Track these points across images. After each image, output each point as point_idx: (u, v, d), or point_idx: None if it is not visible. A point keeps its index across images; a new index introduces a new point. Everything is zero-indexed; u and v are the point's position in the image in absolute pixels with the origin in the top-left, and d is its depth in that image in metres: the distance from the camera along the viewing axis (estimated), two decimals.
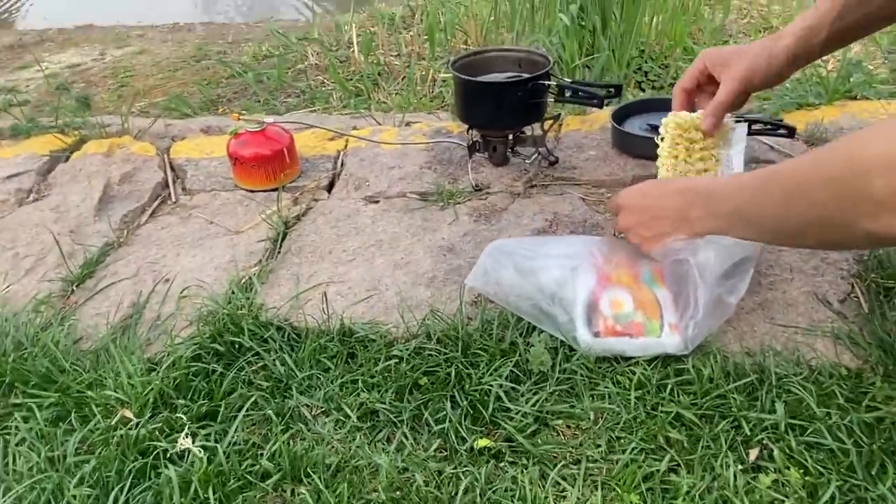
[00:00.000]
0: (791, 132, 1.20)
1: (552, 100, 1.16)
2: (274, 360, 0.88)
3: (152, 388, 0.84)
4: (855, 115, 1.35)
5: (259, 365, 0.89)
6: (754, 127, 1.23)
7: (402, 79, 2.47)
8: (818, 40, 0.91)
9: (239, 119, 1.27)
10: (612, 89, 1.16)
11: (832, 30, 0.91)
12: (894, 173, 0.55)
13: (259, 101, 2.42)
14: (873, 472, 0.67)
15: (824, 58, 2.03)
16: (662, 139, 0.99)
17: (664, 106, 1.33)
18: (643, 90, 2.36)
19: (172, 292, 1.03)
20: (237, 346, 0.91)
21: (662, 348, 0.81)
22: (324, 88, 2.49)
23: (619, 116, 1.30)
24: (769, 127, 1.22)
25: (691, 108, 0.99)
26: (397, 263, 1.05)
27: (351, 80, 2.51)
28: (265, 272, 1.05)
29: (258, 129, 1.26)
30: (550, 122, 1.22)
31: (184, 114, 2.19)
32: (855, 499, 0.66)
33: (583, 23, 2.33)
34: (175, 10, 3.94)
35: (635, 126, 1.29)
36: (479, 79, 1.14)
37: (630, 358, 0.83)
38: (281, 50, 2.92)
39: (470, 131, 1.22)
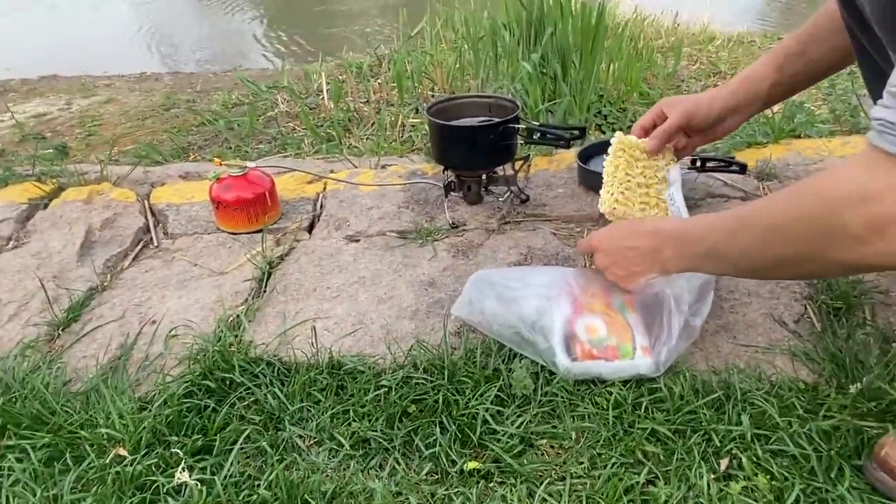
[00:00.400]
0: (743, 169, 1.29)
1: (522, 142, 1.24)
2: (265, 394, 0.90)
3: (145, 426, 0.85)
4: (800, 153, 1.46)
5: (251, 399, 0.91)
6: (709, 164, 1.32)
7: (373, 124, 2.54)
8: (759, 91, 1.03)
9: (221, 164, 1.31)
10: (576, 131, 1.24)
11: (774, 81, 1.01)
12: (864, 207, 0.61)
13: (231, 148, 2.46)
14: (832, 475, 0.73)
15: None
16: (607, 154, 1.08)
17: None
18: (603, 132, 2.49)
19: (160, 333, 1.05)
20: (228, 382, 0.93)
21: (636, 370, 0.87)
22: (295, 135, 2.55)
23: (585, 156, 1.38)
24: (722, 164, 1.31)
25: None
26: (381, 298, 1.09)
27: (322, 126, 2.58)
28: (252, 310, 1.08)
29: (240, 174, 1.30)
30: (520, 162, 1.29)
31: (155, 161, 2.22)
32: (818, 500, 0.72)
33: (544, 70, 2.45)
34: (141, 61, 3.99)
35: (600, 165, 1.37)
36: (454, 123, 1.21)
37: (606, 380, 0.88)
38: (251, 98, 2.98)
39: (445, 172, 1.29)
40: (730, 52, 3.40)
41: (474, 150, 1.22)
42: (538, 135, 1.23)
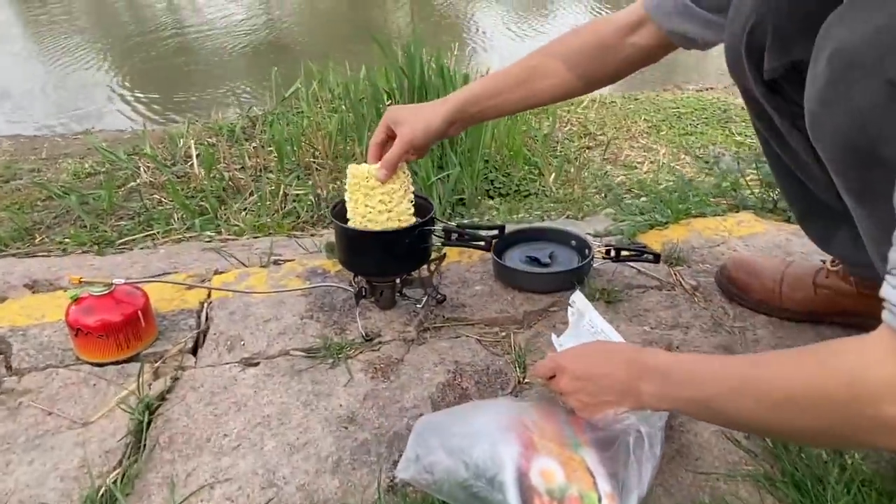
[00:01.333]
0: (657, 258, 1.27)
1: (440, 243, 1.13)
2: None
3: None
4: (701, 233, 1.48)
5: None
6: (622, 253, 1.29)
7: (251, 194, 2.35)
8: (471, 111, 1.12)
9: (80, 282, 1.09)
10: (495, 230, 1.16)
11: (485, 107, 1.12)
12: None
13: (86, 227, 2.16)
14: None
15: (661, 177, 2.26)
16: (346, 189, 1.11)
17: (541, 235, 1.37)
18: (492, 197, 2.47)
19: None
20: None
21: None
22: (162, 209, 2.29)
23: (499, 249, 1.30)
24: (635, 253, 1.29)
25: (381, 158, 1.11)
26: (293, 446, 0.92)
27: (193, 198, 2.34)
28: (130, 478, 0.87)
29: (104, 293, 1.08)
30: (436, 262, 1.19)
31: None
32: None
33: None
34: None
35: (515, 258, 1.30)
36: (365, 229, 1.08)
37: None
38: (107, 166, 2.67)
39: (356, 278, 1.15)
40: (596, 112, 3.56)
41: (389, 256, 1.10)
42: (455, 236, 1.13)
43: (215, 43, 5.25)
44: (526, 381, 1.04)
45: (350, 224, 1.11)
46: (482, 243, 1.12)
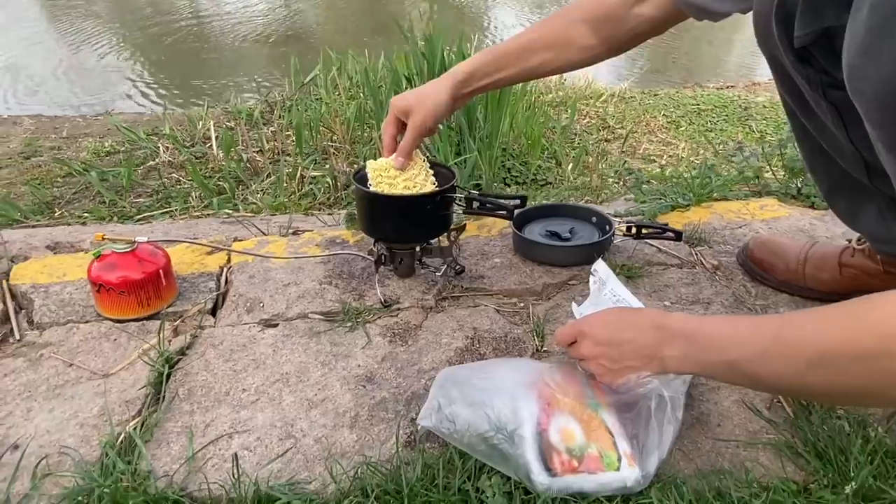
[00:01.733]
0: (679, 236, 1.26)
1: (461, 211, 1.13)
2: None
3: None
4: (723, 216, 1.46)
5: None
6: (644, 231, 1.28)
7: (268, 176, 2.36)
8: (480, 83, 1.12)
9: (103, 239, 1.09)
10: (517, 200, 1.15)
11: (482, 85, 1.12)
12: None
13: (105, 203, 2.18)
14: None
15: (681, 170, 2.24)
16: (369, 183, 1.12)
17: (561, 211, 1.36)
18: (508, 185, 2.46)
19: (25, 464, 0.82)
20: None
21: (623, 482, 0.76)
22: (180, 187, 2.31)
23: (519, 223, 1.30)
24: (657, 231, 1.28)
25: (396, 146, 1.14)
26: (311, 401, 0.92)
27: (211, 178, 2.36)
28: (149, 426, 0.87)
29: (127, 250, 1.09)
30: (456, 231, 1.18)
31: (12, 219, 1.90)
32: None
33: (451, 125, 2.40)
34: None
35: (535, 232, 1.30)
36: (388, 193, 1.08)
37: (587, 496, 0.77)
38: (127, 146, 2.69)
39: (376, 245, 1.15)
40: (615, 106, 3.55)
41: (410, 222, 1.10)
42: (478, 204, 1.13)
43: (233, 31, 5.28)
44: (544, 349, 1.04)
45: None
46: (504, 212, 1.11)
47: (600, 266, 1.03)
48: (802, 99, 0.91)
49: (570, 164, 2.58)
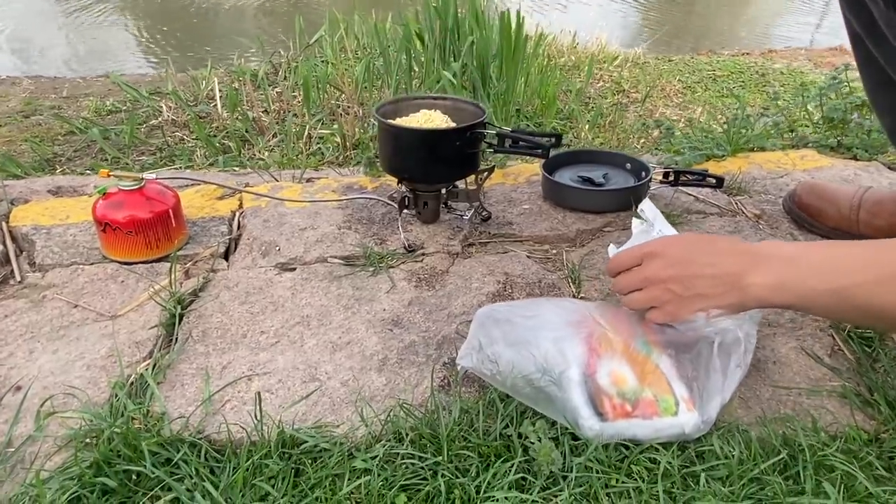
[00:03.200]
0: (720, 182, 1.19)
1: (492, 150, 1.05)
2: (192, 492, 0.64)
3: None
4: (761, 166, 1.38)
5: (169, 498, 0.65)
6: (682, 178, 1.21)
7: (275, 135, 2.28)
8: None
9: (109, 175, 1.02)
10: (552, 139, 1.07)
11: None
12: None
13: (107, 160, 2.10)
14: None
15: (718, 115, 2.14)
16: None
17: (592, 158, 1.29)
18: None
19: (28, 405, 0.76)
20: (135, 476, 0.66)
21: (680, 429, 0.70)
22: (184, 145, 2.22)
23: (548, 168, 1.22)
24: (696, 178, 1.20)
25: None
26: (335, 344, 0.85)
27: (216, 136, 2.27)
28: (162, 368, 0.81)
29: (135, 188, 1.02)
30: (484, 174, 1.11)
31: (12, 174, 1.83)
32: None
33: (464, 82, 2.31)
34: None
35: (566, 178, 1.22)
36: (413, 126, 1.01)
37: (641, 442, 0.70)
38: (129, 105, 2.60)
39: (400, 185, 1.07)
40: (629, 71, 3.45)
41: (435, 160, 1.02)
42: (510, 142, 1.05)
43: None
44: (581, 296, 0.97)
45: None
46: (539, 151, 1.03)
47: (647, 206, 0.95)
48: (872, 21, 0.84)
49: (587, 125, 2.49)
